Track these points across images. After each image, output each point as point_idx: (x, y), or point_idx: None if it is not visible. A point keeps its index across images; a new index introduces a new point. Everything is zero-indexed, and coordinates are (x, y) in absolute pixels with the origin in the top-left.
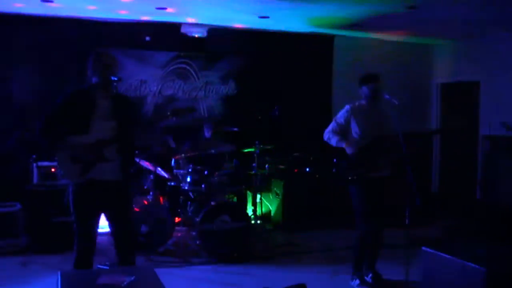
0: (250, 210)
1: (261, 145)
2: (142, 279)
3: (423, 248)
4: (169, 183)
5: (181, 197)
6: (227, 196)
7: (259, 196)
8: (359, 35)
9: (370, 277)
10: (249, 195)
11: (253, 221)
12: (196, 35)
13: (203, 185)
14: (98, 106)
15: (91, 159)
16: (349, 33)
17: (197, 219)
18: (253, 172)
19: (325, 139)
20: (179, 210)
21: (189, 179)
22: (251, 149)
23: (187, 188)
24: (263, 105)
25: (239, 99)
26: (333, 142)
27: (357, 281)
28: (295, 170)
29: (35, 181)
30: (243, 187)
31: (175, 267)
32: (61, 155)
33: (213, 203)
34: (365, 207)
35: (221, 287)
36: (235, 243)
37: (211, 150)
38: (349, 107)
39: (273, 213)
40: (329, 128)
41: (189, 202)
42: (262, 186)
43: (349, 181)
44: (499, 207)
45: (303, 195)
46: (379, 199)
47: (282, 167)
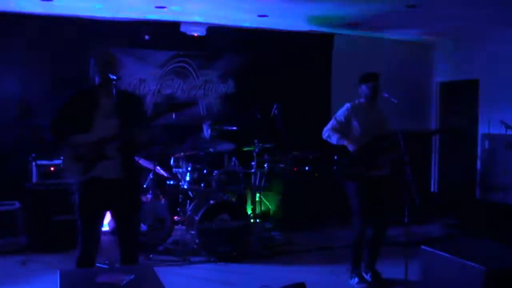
0: (249, 209)
1: (260, 144)
2: (141, 278)
3: (422, 247)
4: (168, 182)
5: (181, 195)
6: (226, 195)
7: (258, 195)
8: (359, 34)
9: (369, 276)
10: (249, 194)
11: (252, 220)
12: (195, 34)
13: (202, 184)
14: (100, 104)
15: (93, 158)
16: (349, 31)
17: (197, 218)
18: (253, 171)
19: (325, 137)
20: (179, 209)
21: (188, 178)
22: (251, 148)
23: (186, 187)
24: (262, 104)
25: (238, 97)
26: (334, 140)
27: (355, 279)
28: (295, 169)
29: (34, 179)
30: (242, 186)
31: (174, 265)
32: (65, 154)
33: (212, 202)
34: (363, 205)
35: (220, 286)
36: (234, 242)
37: (210, 148)
38: (349, 105)
39: (272, 212)
40: (329, 126)
41: (189, 200)
42: (261, 185)
43: (349, 177)
44: (498, 206)
45: (302, 194)
46: (377, 198)
47: (281, 166)
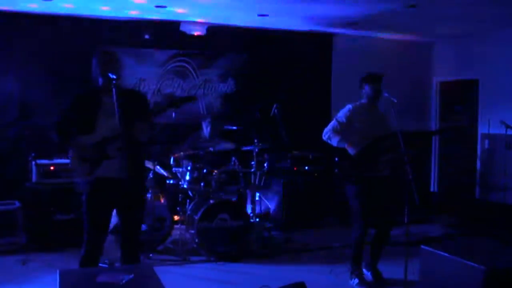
0: (249, 208)
1: (260, 144)
2: (141, 277)
3: (422, 246)
4: (168, 181)
5: (180, 195)
6: (226, 194)
7: (258, 194)
8: (359, 33)
9: (370, 275)
10: (248, 193)
11: (252, 220)
12: (195, 33)
13: (202, 183)
14: (103, 104)
15: (97, 158)
16: (349, 31)
17: (196, 217)
18: (252, 170)
19: (325, 139)
20: (178, 208)
21: (188, 177)
22: (250, 147)
23: (186, 186)
24: (262, 103)
25: (238, 97)
26: (334, 142)
27: (356, 279)
28: (294, 168)
29: (34, 179)
30: (242, 185)
31: (174, 265)
32: (72, 154)
33: (212, 201)
34: (364, 207)
35: (220, 285)
36: (234, 241)
37: (210, 148)
38: (351, 106)
39: (272, 211)
40: (329, 127)
41: (188, 200)
42: (261, 184)
43: (350, 180)
44: (498, 206)
45: (302, 194)
46: (378, 198)
47: (281, 165)
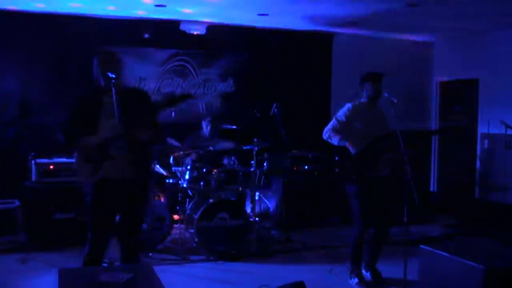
0: (248, 207)
1: (260, 143)
2: (140, 277)
3: (422, 246)
4: (167, 181)
5: (180, 194)
6: (225, 193)
7: (257, 193)
8: (359, 32)
9: (369, 274)
10: (248, 192)
11: (252, 219)
12: (195, 33)
13: (202, 183)
14: (104, 105)
15: (99, 159)
16: (349, 30)
17: (196, 217)
18: (252, 169)
19: (325, 138)
20: (178, 207)
21: (187, 177)
22: (250, 147)
23: (185, 185)
24: (262, 103)
25: (238, 96)
26: (335, 141)
27: (355, 279)
28: (294, 167)
29: (33, 178)
30: (242, 184)
31: (173, 264)
32: (77, 155)
33: (211, 200)
34: (364, 207)
35: (219, 284)
36: (233, 240)
37: (210, 147)
38: (351, 105)
39: (271, 210)
40: (329, 126)
41: (188, 199)
42: (260, 183)
43: (350, 179)
44: (497, 206)
45: (301, 193)
46: (378, 198)
47: (281, 164)
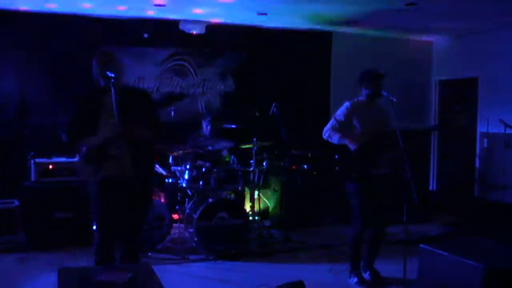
0: (248, 207)
1: (259, 142)
2: (139, 276)
3: (421, 245)
4: (167, 180)
5: (179, 194)
6: (225, 193)
7: (257, 193)
8: (358, 31)
9: (368, 275)
10: (247, 192)
11: (251, 218)
12: (194, 32)
13: (201, 182)
14: (104, 105)
15: (100, 158)
16: (348, 29)
17: (195, 216)
18: (251, 168)
19: (325, 137)
20: (177, 207)
21: (187, 176)
22: (249, 146)
23: (185, 185)
24: (261, 102)
25: (237, 95)
26: (335, 140)
27: (355, 278)
28: (293, 166)
29: (33, 178)
30: (241, 184)
31: (173, 264)
32: (79, 156)
33: (211, 200)
34: (365, 205)
35: (219, 284)
36: (233, 240)
37: (209, 147)
38: (349, 104)
39: (271, 210)
40: (329, 126)
41: (187, 199)
42: (260, 183)
43: (351, 178)
44: (496, 205)
45: (301, 192)
46: (378, 197)
47: (280, 164)
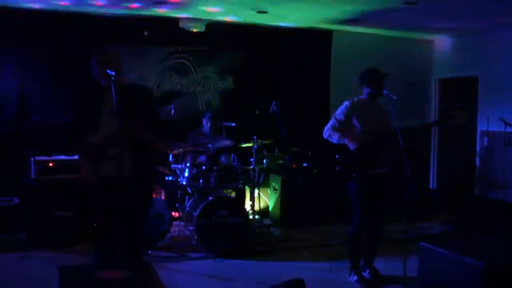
0: (248, 205)
1: (259, 140)
2: (140, 274)
3: (421, 243)
4: (167, 178)
5: (179, 192)
6: (225, 191)
7: (257, 191)
8: (358, 30)
9: (367, 273)
10: (247, 190)
11: (251, 216)
12: (194, 30)
13: (201, 180)
14: (104, 103)
15: (99, 157)
16: (348, 28)
17: (195, 214)
18: (251, 167)
19: (326, 137)
20: (177, 205)
21: (187, 174)
22: (249, 144)
23: (185, 183)
24: (261, 100)
25: (237, 94)
26: (335, 139)
27: (354, 277)
28: (293, 165)
29: (33, 175)
30: (241, 182)
31: (173, 262)
32: (79, 154)
33: (211, 198)
34: (365, 204)
35: (218, 282)
36: (232, 238)
37: (209, 145)
38: (348, 103)
39: (271, 208)
40: (329, 125)
41: (187, 197)
42: (260, 181)
43: (351, 177)
44: (496, 203)
45: (301, 191)
46: (378, 195)
47: (280, 162)
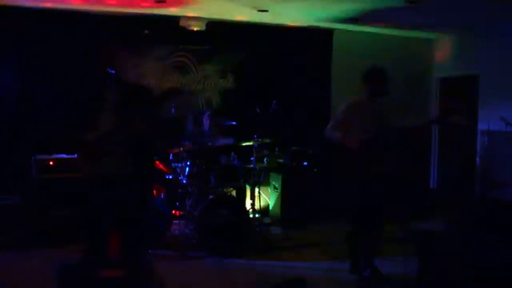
0: (248, 204)
1: (260, 139)
2: (140, 272)
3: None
4: (167, 176)
5: (180, 190)
6: (225, 190)
7: (257, 190)
8: (359, 29)
9: (368, 272)
10: (248, 189)
11: (251, 215)
12: (195, 29)
13: (201, 179)
14: (104, 101)
15: (98, 154)
16: (349, 27)
17: (196, 213)
18: (252, 166)
19: (327, 137)
20: (178, 203)
21: (187, 173)
22: (250, 143)
23: (185, 181)
24: (261, 99)
25: (238, 92)
26: (335, 139)
27: (354, 276)
28: (294, 164)
29: (33, 174)
30: (242, 181)
31: (173, 260)
32: (79, 152)
33: (211, 197)
34: (366, 202)
35: (218, 281)
36: (233, 237)
37: (209, 143)
38: (349, 103)
39: (271, 207)
40: (330, 125)
41: (188, 195)
42: (260, 180)
43: (351, 176)
44: (497, 203)
45: (301, 189)
46: (379, 195)
47: (280, 161)
